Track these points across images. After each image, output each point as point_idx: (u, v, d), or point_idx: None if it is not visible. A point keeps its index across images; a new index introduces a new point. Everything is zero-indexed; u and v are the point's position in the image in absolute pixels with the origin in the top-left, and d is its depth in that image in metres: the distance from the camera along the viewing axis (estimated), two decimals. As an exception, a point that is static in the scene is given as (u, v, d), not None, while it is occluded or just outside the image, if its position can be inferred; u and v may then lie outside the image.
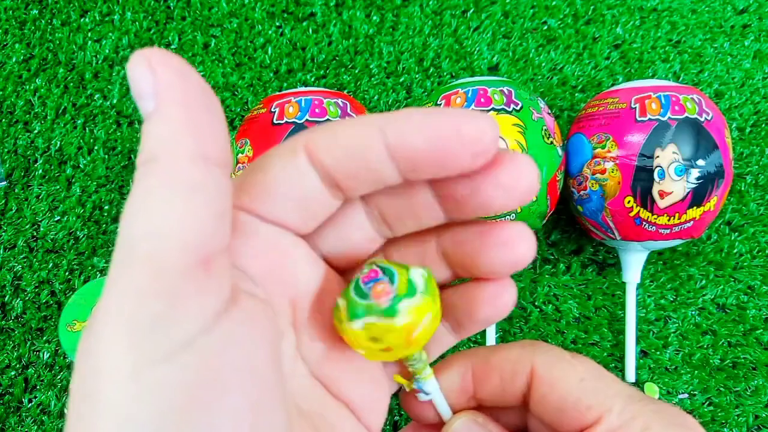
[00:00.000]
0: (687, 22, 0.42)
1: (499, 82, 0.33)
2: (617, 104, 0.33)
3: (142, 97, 0.13)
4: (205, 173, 0.13)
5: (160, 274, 0.12)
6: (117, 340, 0.12)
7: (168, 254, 0.12)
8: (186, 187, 0.12)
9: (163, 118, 0.13)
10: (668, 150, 0.31)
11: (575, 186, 0.34)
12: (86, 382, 0.12)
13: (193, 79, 0.13)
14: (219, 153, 0.13)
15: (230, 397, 0.13)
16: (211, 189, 0.13)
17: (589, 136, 0.34)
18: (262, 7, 0.42)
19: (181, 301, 0.12)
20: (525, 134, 0.32)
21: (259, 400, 0.13)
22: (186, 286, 0.12)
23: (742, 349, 0.38)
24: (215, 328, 0.13)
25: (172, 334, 0.12)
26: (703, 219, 0.33)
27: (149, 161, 0.13)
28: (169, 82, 0.13)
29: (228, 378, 0.13)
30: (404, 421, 0.36)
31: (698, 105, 0.32)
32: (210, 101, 0.13)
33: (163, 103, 0.13)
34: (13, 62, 0.41)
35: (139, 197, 0.12)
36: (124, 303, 0.12)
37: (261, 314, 0.15)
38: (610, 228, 0.34)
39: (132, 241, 0.12)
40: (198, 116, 0.13)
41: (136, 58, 0.13)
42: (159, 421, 0.12)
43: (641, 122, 0.32)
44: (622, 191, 0.32)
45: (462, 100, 0.32)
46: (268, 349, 0.14)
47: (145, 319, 0.12)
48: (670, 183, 0.31)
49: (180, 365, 0.12)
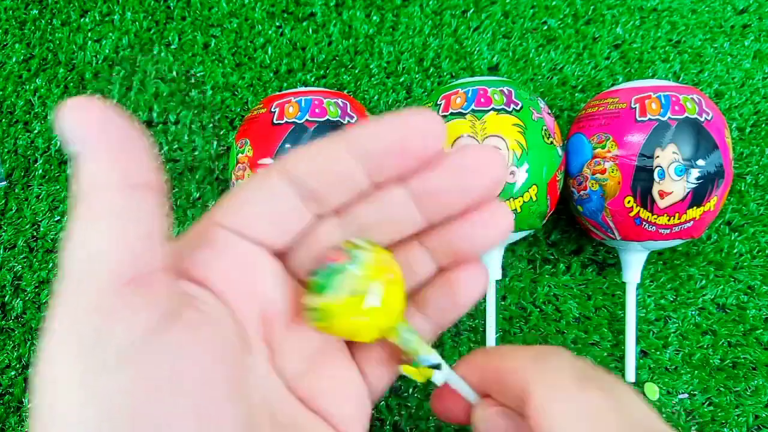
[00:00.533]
0: (687, 22, 0.42)
1: (499, 82, 0.33)
2: (617, 104, 0.33)
3: (72, 143, 0.14)
4: (130, 200, 0.14)
5: (94, 293, 0.14)
6: (65, 354, 0.13)
7: (99, 276, 0.14)
8: (112, 214, 0.14)
9: (90, 158, 0.14)
10: (668, 150, 0.31)
11: (575, 186, 0.34)
12: (42, 393, 0.14)
13: (114, 119, 0.14)
14: (144, 179, 0.15)
15: (171, 404, 0.14)
16: (137, 213, 0.14)
17: (589, 136, 0.34)
18: (262, 7, 0.42)
19: (115, 317, 0.14)
20: (525, 134, 0.32)
21: (203, 408, 0.14)
22: (118, 303, 0.14)
23: (742, 349, 0.38)
24: (151, 340, 0.14)
25: (109, 346, 0.13)
26: (703, 219, 0.32)
27: (82, 194, 0.14)
28: (92, 126, 0.14)
29: (167, 386, 0.14)
30: (404, 421, 0.36)
31: (698, 105, 0.32)
32: (131, 134, 0.15)
33: (89, 145, 0.14)
34: (13, 62, 0.41)
35: (74, 228, 0.14)
36: (66, 321, 0.14)
37: (207, 327, 0.16)
38: (610, 228, 0.34)
39: (70, 267, 0.14)
40: (120, 150, 0.14)
41: (63, 110, 0.14)
42: (104, 425, 0.13)
43: (641, 122, 0.32)
44: (622, 191, 0.32)
45: (462, 100, 0.32)
46: (216, 359, 0.15)
47: (86, 333, 0.13)
48: (670, 183, 0.31)
49: (119, 374, 0.13)
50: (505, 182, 0.31)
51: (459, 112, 0.32)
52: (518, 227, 0.33)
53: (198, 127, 0.40)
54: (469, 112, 0.32)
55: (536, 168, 0.32)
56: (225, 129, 0.40)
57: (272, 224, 0.18)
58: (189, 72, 0.41)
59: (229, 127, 0.40)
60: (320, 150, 0.18)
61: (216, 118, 0.40)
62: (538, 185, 0.32)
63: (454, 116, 0.32)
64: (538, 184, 0.32)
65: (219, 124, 0.40)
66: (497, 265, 0.35)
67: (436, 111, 0.32)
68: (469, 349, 0.37)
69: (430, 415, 0.36)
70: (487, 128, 0.31)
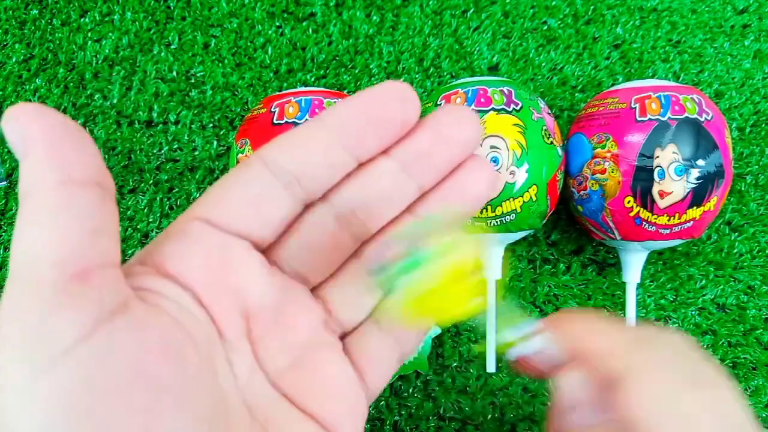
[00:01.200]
0: (687, 22, 0.42)
1: (499, 82, 0.33)
2: (617, 104, 0.33)
3: (15, 147, 0.14)
4: (70, 197, 0.14)
5: (37, 290, 0.13)
6: (11, 357, 0.13)
7: (41, 274, 0.13)
8: (52, 212, 0.14)
9: (29, 159, 0.14)
10: (668, 150, 0.31)
11: (575, 186, 0.34)
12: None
13: (51, 119, 0.14)
14: (86, 175, 0.15)
15: (116, 404, 0.13)
16: (79, 210, 0.14)
17: (589, 136, 0.34)
18: (262, 7, 0.42)
19: (58, 313, 0.13)
20: (525, 134, 0.32)
21: (152, 404, 0.14)
22: (61, 299, 0.13)
23: (742, 349, 0.38)
24: (95, 336, 0.14)
25: (53, 345, 0.13)
26: (703, 219, 0.32)
27: (23, 196, 0.14)
28: (30, 127, 0.14)
29: (112, 385, 0.13)
30: (404, 421, 0.36)
31: (698, 105, 0.32)
32: (71, 131, 0.15)
33: (28, 146, 0.14)
34: (13, 62, 0.41)
35: (18, 227, 0.14)
36: (12, 323, 0.13)
37: (157, 322, 0.15)
38: (610, 228, 0.34)
39: (14, 267, 0.14)
40: (58, 149, 0.14)
41: (5, 118, 0.14)
42: (53, 424, 0.13)
43: (641, 122, 0.32)
44: (622, 191, 0.32)
45: (462, 100, 0.32)
46: (168, 358, 0.15)
47: (30, 334, 0.13)
48: (670, 183, 0.31)
49: (64, 371, 0.13)
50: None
51: None
52: (518, 227, 0.33)
53: (198, 127, 0.40)
54: None
55: (536, 168, 0.32)
56: (225, 129, 0.40)
57: (253, 215, 0.18)
58: (189, 72, 0.41)
59: (229, 127, 0.40)
60: (298, 135, 0.18)
61: (216, 118, 0.40)
62: (538, 185, 0.32)
63: None
64: (538, 184, 0.32)
65: (219, 124, 0.40)
66: (497, 265, 0.35)
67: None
68: (469, 349, 0.37)
69: (430, 415, 0.36)
70: (486, 128, 0.31)
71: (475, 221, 0.32)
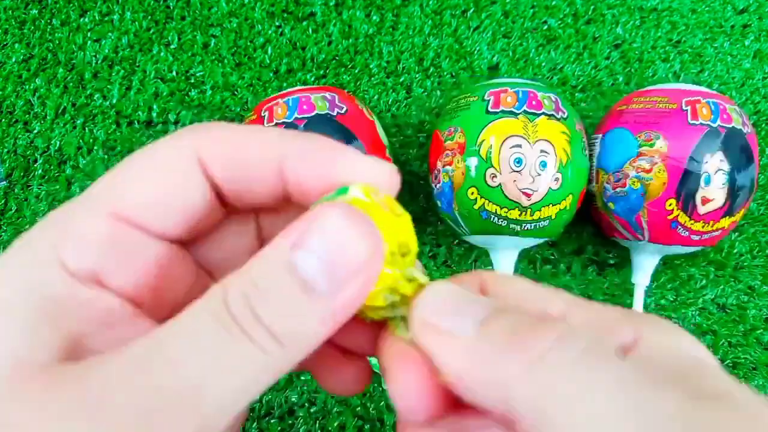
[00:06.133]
0: (687, 22, 0.42)
1: (546, 88, 0.33)
2: (667, 104, 0.33)
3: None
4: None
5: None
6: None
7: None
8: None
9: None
10: (716, 157, 0.31)
11: (611, 182, 0.33)
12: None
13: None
14: None
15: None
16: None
17: (635, 132, 0.33)
18: (262, 6, 0.42)
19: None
20: (570, 143, 0.32)
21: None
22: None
23: (742, 349, 0.37)
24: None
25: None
26: (726, 230, 0.33)
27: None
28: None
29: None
30: (404, 421, 0.36)
31: (741, 117, 0.32)
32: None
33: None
34: (13, 62, 0.41)
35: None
36: None
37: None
38: (640, 229, 0.33)
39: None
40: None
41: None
42: None
43: (693, 125, 0.31)
44: (666, 193, 0.32)
45: (513, 99, 0.32)
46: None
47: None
48: (714, 190, 0.31)
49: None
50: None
51: (511, 111, 0.31)
52: (547, 234, 0.33)
53: (198, 127, 0.40)
54: (522, 112, 0.31)
55: (575, 178, 0.32)
56: (225, 129, 0.40)
57: (183, 221, 0.16)
58: (188, 72, 0.41)
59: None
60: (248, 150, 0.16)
61: (216, 118, 0.40)
62: (573, 195, 0.32)
63: (505, 114, 0.31)
64: (573, 193, 0.32)
65: (219, 124, 0.40)
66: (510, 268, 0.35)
67: (484, 106, 0.32)
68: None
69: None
70: (538, 132, 0.31)
71: (502, 221, 0.32)
